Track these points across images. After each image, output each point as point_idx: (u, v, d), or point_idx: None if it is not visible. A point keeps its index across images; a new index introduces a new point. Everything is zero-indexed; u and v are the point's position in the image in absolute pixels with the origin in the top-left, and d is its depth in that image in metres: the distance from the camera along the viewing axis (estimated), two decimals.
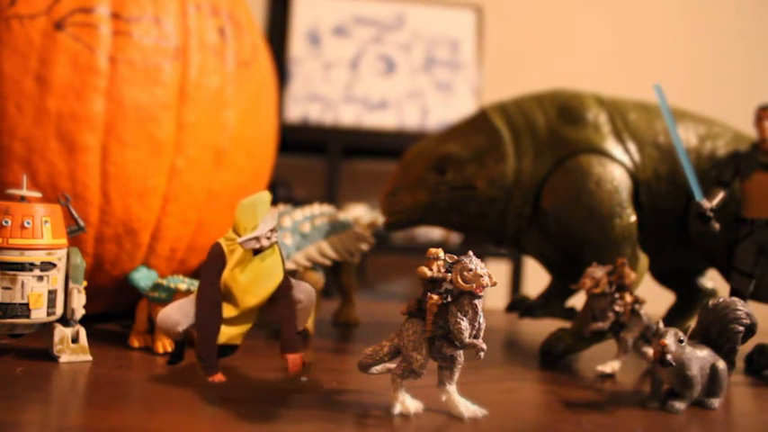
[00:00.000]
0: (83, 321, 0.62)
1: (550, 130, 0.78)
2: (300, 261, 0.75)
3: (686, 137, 0.78)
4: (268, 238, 0.55)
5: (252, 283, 0.56)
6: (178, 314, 0.56)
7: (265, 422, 0.47)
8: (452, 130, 0.83)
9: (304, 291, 0.58)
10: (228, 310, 0.56)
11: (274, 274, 0.57)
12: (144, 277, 0.71)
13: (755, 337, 0.60)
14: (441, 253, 0.50)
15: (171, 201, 0.74)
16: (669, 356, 0.53)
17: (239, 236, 0.55)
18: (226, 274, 0.55)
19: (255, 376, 0.59)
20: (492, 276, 0.48)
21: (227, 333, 0.56)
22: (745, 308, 0.58)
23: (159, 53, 0.71)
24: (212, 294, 0.55)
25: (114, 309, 0.80)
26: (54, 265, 0.59)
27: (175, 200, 0.74)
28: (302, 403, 0.52)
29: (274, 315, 0.58)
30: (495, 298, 1.92)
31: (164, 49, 0.72)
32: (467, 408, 0.50)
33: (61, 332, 0.60)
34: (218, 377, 0.55)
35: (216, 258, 0.56)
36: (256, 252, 0.56)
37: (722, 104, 1.82)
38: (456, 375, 0.51)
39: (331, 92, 2.03)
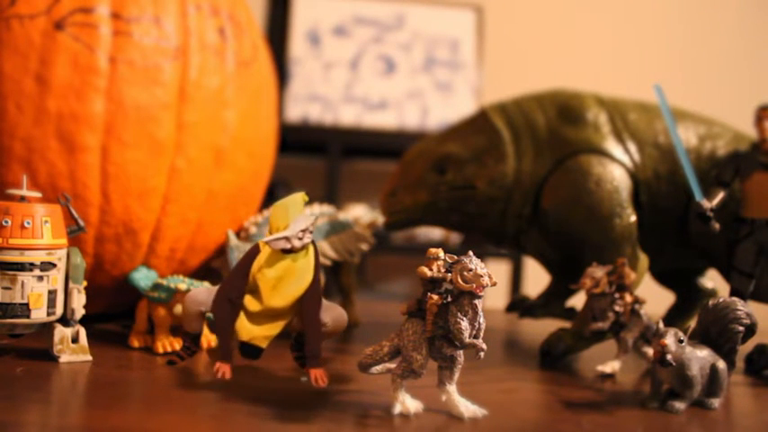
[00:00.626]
0: (83, 321, 0.62)
1: (550, 130, 0.78)
2: None
3: (686, 137, 0.78)
4: (299, 239, 0.55)
5: (280, 282, 0.55)
6: (203, 295, 0.57)
7: (265, 422, 0.47)
8: (452, 130, 0.83)
9: (333, 315, 0.57)
10: (252, 304, 0.55)
11: (304, 277, 0.55)
12: (144, 277, 0.71)
13: (755, 337, 0.60)
14: (441, 253, 0.50)
15: (171, 201, 0.74)
16: (669, 356, 0.53)
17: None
18: (254, 269, 0.55)
19: (255, 376, 0.59)
20: (492, 276, 0.48)
21: (249, 331, 0.55)
22: (745, 308, 0.58)
23: (159, 53, 0.71)
24: (231, 287, 0.55)
25: (114, 309, 0.80)
26: (54, 265, 0.59)
27: (175, 200, 0.74)
28: (302, 403, 0.52)
29: (298, 324, 0.57)
30: (495, 298, 1.92)
31: (164, 49, 0.72)
32: (467, 408, 0.50)
33: (61, 332, 0.60)
34: (225, 369, 0.54)
35: (250, 254, 0.56)
36: (288, 252, 0.55)
37: (722, 104, 1.82)
38: (456, 375, 0.51)
39: (331, 92, 2.03)
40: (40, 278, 0.58)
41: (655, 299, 0.86)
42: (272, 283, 0.55)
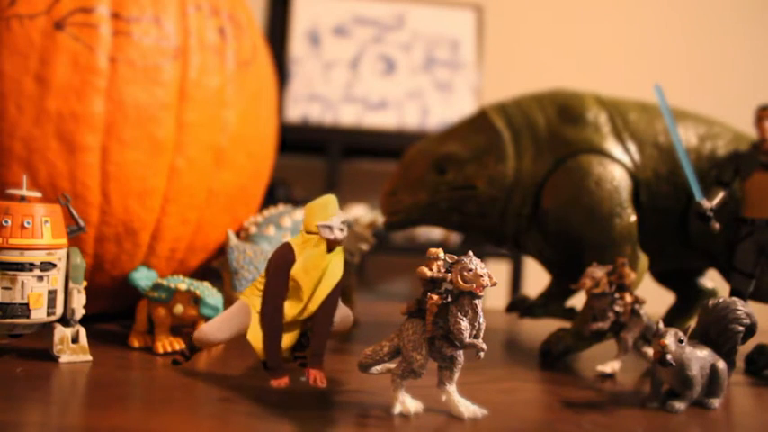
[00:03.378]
0: (83, 321, 0.62)
1: (550, 130, 0.78)
2: None
3: (686, 137, 0.78)
4: (341, 230, 0.56)
5: (321, 281, 0.56)
6: (220, 332, 0.57)
7: (265, 422, 0.47)
8: (452, 130, 0.83)
9: (340, 314, 0.58)
10: (290, 308, 0.56)
11: (334, 277, 0.56)
12: (144, 277, 0.71)
13: (755, 337, 0.60)
14: (441, 253, 0.50)
15: (171, 201, 0.74)
16: (669, 356, 0.53)
17: (310, 232, 0.56)
18: (296, 271, 0.55)
19: (255, 376, 0.59)
20: (492, 276, 0.48)
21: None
22: (745, 308, 0.58)
23: (159, 53, 0.71)
24: (277, 301, 0.55)
25: (114, 309, 0.80)
26: (54, 265, 0.59)
27: (175, 200, 0.74)
28: (302, 403, 0.52)
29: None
30: (495, 298, 1.92)
31: (164, 49, 0.72)
32: (467, 408, 0.50)
33: (61, 332, 0.60)
34: (281, 382, 0.54)
35: (283, 255, 0.56)
36: (330, 249, 0.56)
37: (722, 104, 1.82)
38: (456, 375, 0.51)
39: (331, 92, 2.03)
40: (40, 278, 0.58)
41: (655, 299, 0.86)
42: (314, 283, 0.55)
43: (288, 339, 0.57)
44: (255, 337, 0.56)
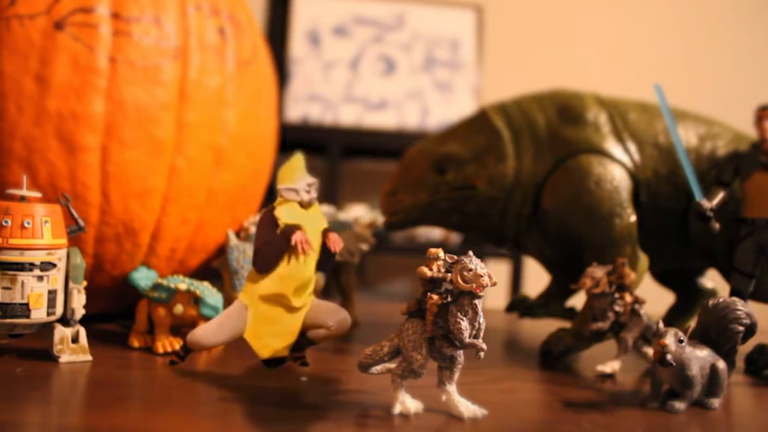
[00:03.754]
0: (83, 321, 0.62)
1: (550, 130, 0.78)
2: None
3: (686, 137, 0.78)
4: (307, 192, 0.59)
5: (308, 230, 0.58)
6: (215, 336, 0.58)
7: (265, 422, 0.47)
8: (452, 130, 0.83)
9: (337, 318, 0.58)
10: (270, 286, 0.58)
11: (319, 222, 0.59)
12: (144, 277, 0.71)
13: (755, 337, 0.60)
14: (441, 253, 0.50)
15: (171, 201, 0.74)
16: (669, 356, 0.53)
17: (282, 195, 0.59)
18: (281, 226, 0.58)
19: (255, 376, 0.59)
20: (492, 276, 0.48)
21: (271, 347, 0.58)
22: (745, 308, 0.58)
23: (159, 53, 0.71)
24: (272, 229, 0.58)
25: (114, 309, 0.80)
26: (54, 265, 0.59)
27: (175, 200, 0.74)
28: (302, 403, 0.52)
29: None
30: (495, 298, 1.92)
31: (164, 49, 0.72)
32: (467, 408, 0.50)
33: (61, 332, 0.60)
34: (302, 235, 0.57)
35: (268, 212, 0.59)
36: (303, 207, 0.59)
37: (722, 104, 1.82)
38: (456, 375, 0.51)
39: (331, 92, 2.03)
40: (40, 278, 0.58)
41: (655, 299, 0.86)
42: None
43: (287, 339, 0.57)
44: (253, 335, 0.56)
